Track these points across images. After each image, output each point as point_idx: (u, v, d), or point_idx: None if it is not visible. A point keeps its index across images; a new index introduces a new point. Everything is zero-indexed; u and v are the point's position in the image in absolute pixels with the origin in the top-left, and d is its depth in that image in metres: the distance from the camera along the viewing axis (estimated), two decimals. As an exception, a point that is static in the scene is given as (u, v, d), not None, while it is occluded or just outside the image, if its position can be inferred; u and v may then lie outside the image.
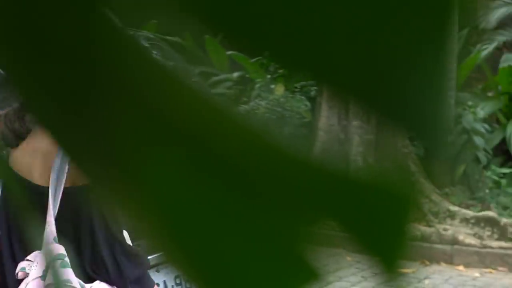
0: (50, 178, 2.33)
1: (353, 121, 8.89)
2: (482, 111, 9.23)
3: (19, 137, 2.42)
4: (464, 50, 10.88)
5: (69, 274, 2.26)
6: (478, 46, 10.74)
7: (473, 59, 10.32)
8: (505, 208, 8.45)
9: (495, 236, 8.05)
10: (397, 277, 0.37)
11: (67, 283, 2.24)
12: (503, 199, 8.55)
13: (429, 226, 8.40)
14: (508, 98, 9.94)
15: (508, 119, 9.80)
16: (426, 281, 7.30)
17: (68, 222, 2.36)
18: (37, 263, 2.29)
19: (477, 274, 7.60)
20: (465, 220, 8.29)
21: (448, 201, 8.63)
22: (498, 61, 10.67)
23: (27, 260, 2.32)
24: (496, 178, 8.75)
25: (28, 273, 2.28)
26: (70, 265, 2.27)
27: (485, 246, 7.96)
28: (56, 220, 2.30)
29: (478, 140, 8.93)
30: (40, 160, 2.39)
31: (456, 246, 8.03)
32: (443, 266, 7.89)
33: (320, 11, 0.36)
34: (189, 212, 0.40)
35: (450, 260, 7.99)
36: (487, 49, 10.31)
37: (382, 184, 0.39)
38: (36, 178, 2.38)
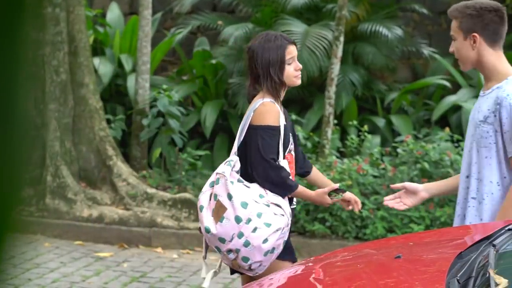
0: None
1: (50, 105, 8.66)
2: (177, 94, 9.38)
3: None
4: (158, 34, 11.00)
5: None
6: (173, 30, 10.91)
7: (168, 43, 10.47)
8: (201, 189, 8.65)
9: (192, 217, 8.25)
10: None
11: None
12: (199, 181, 8.77)
13: (127, 209, 8.41)
14: (202, 81, 10.20)
15: (203, 102, 10.06)
16: (125, 264, 7.32)
17: None
18: None
19: (175, 256, 7.74)
20: (163, 203, 8.40)
21: (145, 184, 8.70)
22: (193, 45, 10.92)
23: None
24: (192, 160, 8.95)
25: None
26: None
27: (182, 228, 8.13)
28: None
29: (173, 123, 9.08)
30: None
31: (154, 229, 8.12)
32: (141, 249, 7.95)
33: None
34: None
35: (148, 242, 8.07)
36: (182, 33, 10.49)
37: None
38: None
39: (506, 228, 3.09)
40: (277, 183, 4.01)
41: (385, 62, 10.11)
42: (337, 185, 4.21)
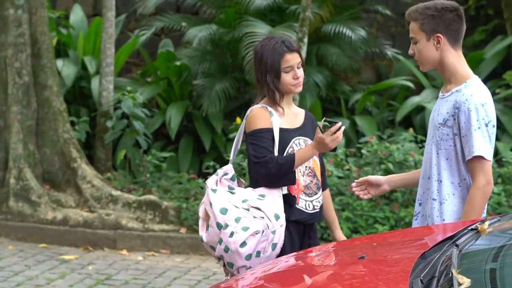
0: None
1: (13, 107, 8.59)
2: (141, 96, 9.35)
3: None
4: (122, 36, 10.96)
5: None
6: (137, 31, 10.87)
7: (132, 44, 10.44)
8: (166, 191, 8.66)
9: (157, 219, 8.23)
10: None
11: None
12: (164, 183, 8.76)
13: (92, 211, 8.37)
14: (167, 83, 10.18)
15: (167, 103, 10.04)
16: (90, 267, 7.29)
17: None
18: None
19: (140, 258, 7.72)
20: (128, 205, 8.37)
21: (110, 186, 8.66)
22: (157, 47, 10.89)
23: None
24: (157, 162, 8.93)
25: None
26: None
27: (147, 230, 8.11)
28: None
29: (138, 125, 9.05)
30: None
31: (119, 231, 8.09)
32: (106, 251, 7.92)
33: None
34: None
35: (113, 244, 8.04)
36: (145, 34, 10.46)
37: None
38: None
39: (469, 228, 3.12)
40: (276, 175, 3.99)
41: (349, 63, 10.16)
42: (339, 123, 3.94)
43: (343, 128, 3.94)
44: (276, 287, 2.94)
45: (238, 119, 8.88)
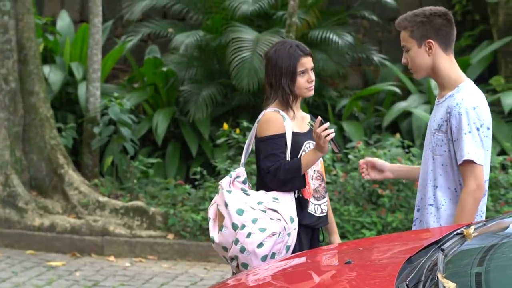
0: None
1: (0, 114, 8.56)
2: (128, 102, 9.35)
3: None
4: (109, 42, 10.96)
5: None
6: (123, 37, 10.87)
7: (118, 50, 10.43)
8: (153, 197, 8.65)
9: (144, 225, 8.22)
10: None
11: None
12: (151, 189, 8.75)
13: (79, 218, 8.36)
14: (153, 89, 10.18)
15: (154, 109, 10.04)
16: (77, 273, 7.27)
17: None
18: None
19: (127, 264, 7.71)
20: (115, 211, 8.36)
21: (97, 192, 8.65)
22: (144, 53, 10.89)
23: None
24: (143, 168, 8.92)
25: None
26: None
27: (135, 236, 8.10)
28: None
29: (125, 131, 9.04)
30: None
31: (106, 237, 8.08)
32: (94, 257, 7.91)
33: None
34: None
35: (101, 251, 8.03)
36: (132, 40, 10.46)
37: None
38: None
39: (455, 233, 3.14)
40: (285, 181, 4.05)
41: (335, 69, 10.18)
42: (319, 118, 4.03)
43: (327, 124, 4.00)
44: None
45: (225, 125, 8.89)
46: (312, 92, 4.27)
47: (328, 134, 3.97)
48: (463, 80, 3.94)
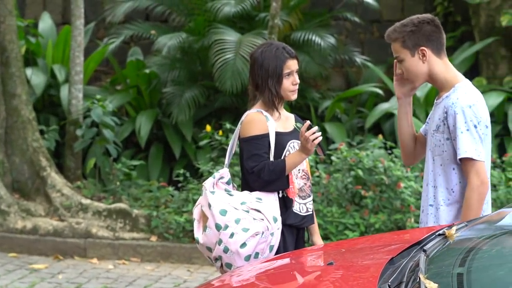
0: None
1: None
2: (111, 104, 9.33)
3: None
4: (91, 44, 10.93)
5: None
6: (106, 39, 10.85)
7: (101, 52, 10.40)
8: (136, 199, 8.64)
9: (128, 227, 8.21)
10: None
11: None
12: (134, 191, 8.74)
13: (62, 220, 8.33)
14: (136, 91, 10.16)
15: (137, 111, 10.02)
16: (60, 276, 7.26)
17: None
18: None
19: (110, 266, 7.70)
20: (98, 213, 8.34)
21: (80, 195, 8.63)
22: (126, 55, 10.87)
23: None
24: (126, 170, 8.91)
25: None
26: None
27: (118, 238, 8.09)
28: None
29: (108, 133, 9.02)
30: None
31: (89, 239, 8.06)
32: (77, 260, 7.89)
33: None
34: None
35: (83, 253, 8.01)
36: (115, 42, 10.43)
37: None
38: None
39: (436, 233, 3.15)
40: (268, 182, 4.08)
41: (318, 70, 10.20)
42: (308, 122, 4.05)
43: (316, 128, 4.03)
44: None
45: (208, 127, 8.88)
46: (295, 96, 4.29)
47: (316, 138, 4.00)
48: (459, 80, 3.99)
